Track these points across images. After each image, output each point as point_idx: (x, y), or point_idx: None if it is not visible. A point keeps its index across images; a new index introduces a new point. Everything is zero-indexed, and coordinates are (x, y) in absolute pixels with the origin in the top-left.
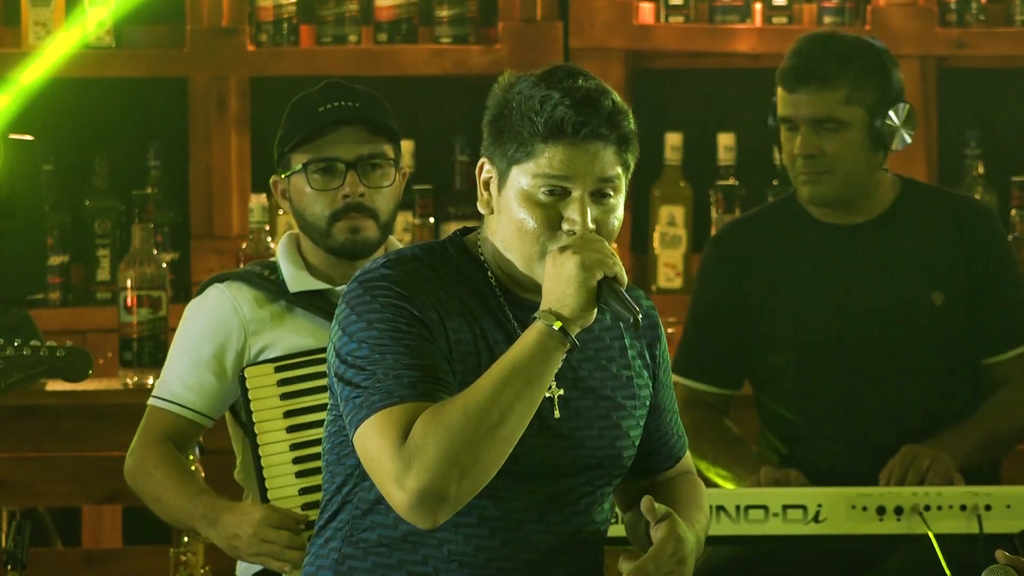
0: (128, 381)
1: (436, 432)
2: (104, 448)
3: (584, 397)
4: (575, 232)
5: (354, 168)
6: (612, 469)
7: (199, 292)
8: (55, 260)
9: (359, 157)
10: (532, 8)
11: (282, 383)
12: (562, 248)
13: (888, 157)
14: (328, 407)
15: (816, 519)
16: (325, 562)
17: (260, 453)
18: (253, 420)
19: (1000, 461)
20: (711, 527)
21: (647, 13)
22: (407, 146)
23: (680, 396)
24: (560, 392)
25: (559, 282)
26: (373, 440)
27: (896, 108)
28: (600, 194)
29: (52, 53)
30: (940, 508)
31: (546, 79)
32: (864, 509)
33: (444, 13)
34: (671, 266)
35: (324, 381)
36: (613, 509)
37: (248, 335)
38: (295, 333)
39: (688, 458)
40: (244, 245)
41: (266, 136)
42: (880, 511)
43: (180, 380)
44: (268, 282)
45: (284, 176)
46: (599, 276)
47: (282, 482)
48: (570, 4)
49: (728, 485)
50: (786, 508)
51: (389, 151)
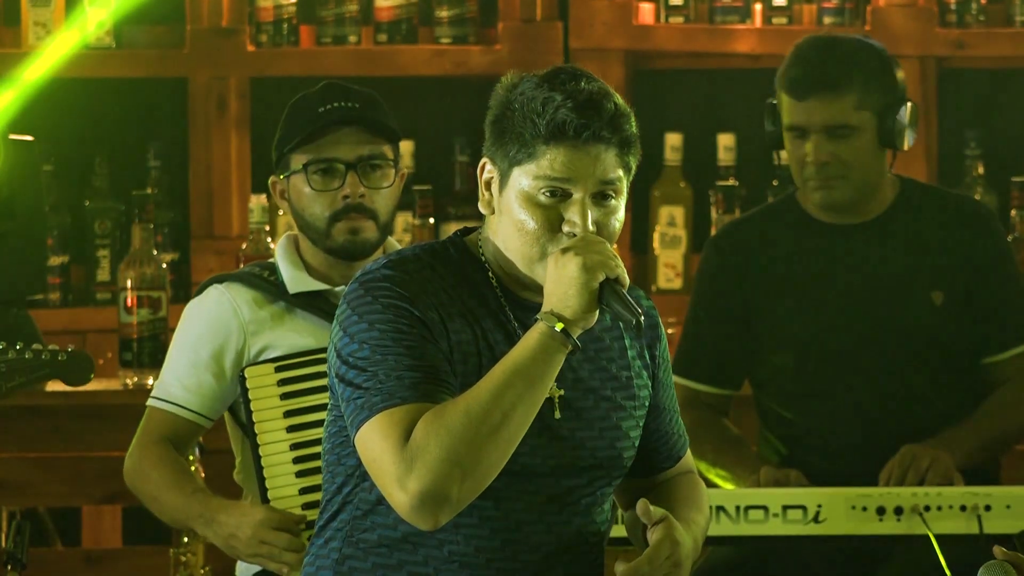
0: (128, 381)
1: (438, 434)
2: (104, 448)
3: (584, 398)
4: (575, 234)
5: (354, 169)
6: (612, 470)
7: (198, 293)
8: (55, 260)
9: (359, 158)
10: (532, 8)
11: (282, 383)
12: (564, 249)
13: (897, 157)
14: (328, 407)
15: (816, 519)
16: (325, 562)
17: (260, 453)
18: (253, 420)
19: (1000, 461)
20: (711, 527)
21: (647, 13)
22: (407, 146)
23: (680, 396)
24: (560, 393)
25: (561, 284)
26: (375, 441)
27: (904, 108)
28: (601, 196)
29: (52, 53)
30: (940, 508)
31: (549, 81)
32: (864, 509)
33: (444, 13)
34: (671, 266)
35: (324, 381)
36: (614, 510)
37: (248, 336)
38: (295, 333)
39: (689, 458)
40: (244, 245)
41: (266, 136)
42: (880, 511)
43: (179, 381)
44: (267, 283)
45: (283, 177)
46: (601, 278)
47: (282, 482)
48: (570, 4)
49: (728, 486)
50: (786, 508)
51: (389, 152)
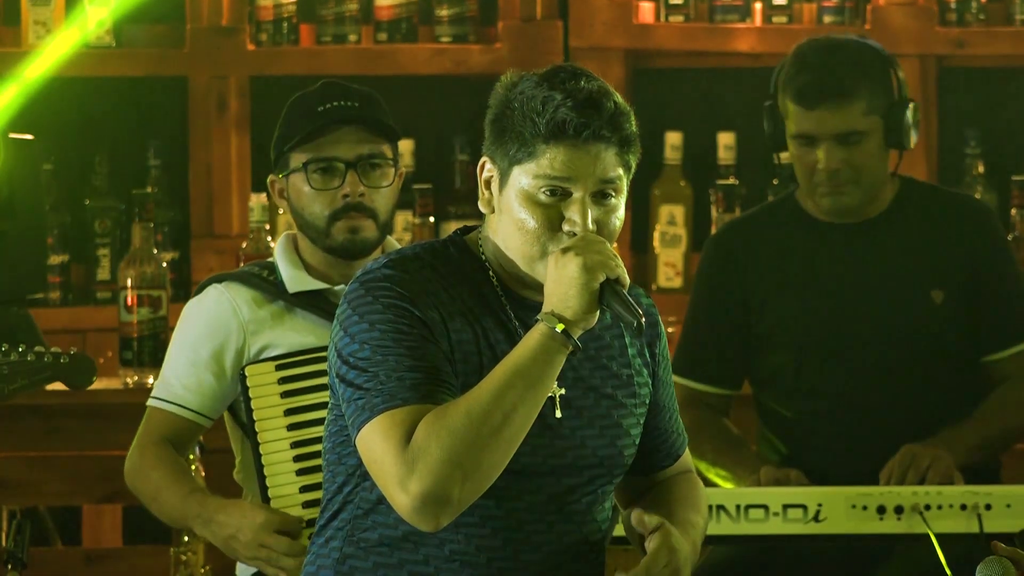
0: (128, 380)
1: (439, 435)
2: (104, 448)
3: (585, 396)
4: (576, 233)
5: (354, 168)
6: (613, 468)
7: (197, 292)
8: (55, 260)
9: (359, 157)
10: (532, 7)
11: (282, 381)
12: (564, 249)
13: (903, 157)
14: (329, 407)
15: (816, 519)
16: (326, 562)
17: (260, 452)
18: (254, 418)
19: (1000, 460)
20: (711, 527)
21: (647, 12)
22: (407, 146)
23: (680, 396)
24: (561, 391)
25: (561, 284)
26: (376, 442)
27: (908, 109)
28: (601, 195)
29: (52, 52)
30: (940, 508)
31: (548, 79)
32: (864, 508)
33: (444, 12)
34: (671, 265)
35: (324, 379)
36: (615, 508)
37: (247, 335)
38: (295, 332)
39: (687, 456)
40: (244, 245)
41: (266, 136)
42: (880, 511)
43: (179, 380)
44: (266, 282)
45: (282, 175)
46: (601, 278)
47: (283, 480)
48: (570, 3)
49: (728, 485)
50: (786, 507)
51: (388, 151)
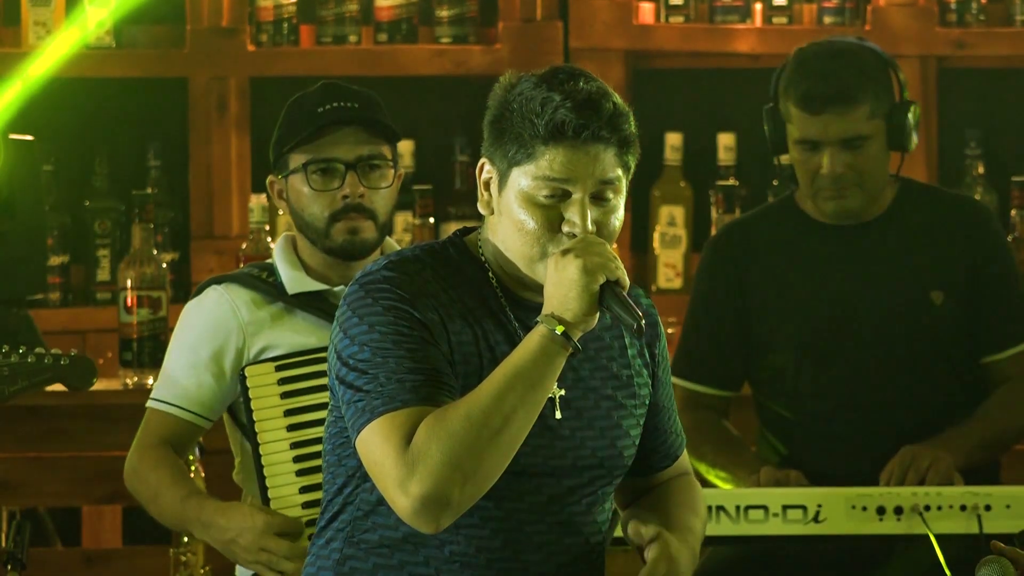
0: (128, 381)
1: (439, 438)
2: (104, 448)
3: (585, 397)
4: (575, 234)
5: (353, 169)
6: (613, 469)
7: (196, 294)
8: (55, 260)
9: (359, 158)
10: (532, 8)
11: (282, 382)
12: (564, 251)
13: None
14: (329, 408)
15: (816, 519)
16: (326, 563)
17: (260, 452)
18: (253, 419)
19: (1000, 461)
20: (711, 528)
21: (647, 13)
22: (407, 146)
23: (679, 398)
24: (561, 392)
25: (561, 286)
26: (376, 445)
27: (911, 112)
28: (601, 196)
29: (52, 53)
30: (940, 508)
31: (547, 80)
32: (864, 509)
33: (444, 13)
34: (671, 266)
35: (324, 380)
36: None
37: (247, 336)
38: (295, 333)
39: (685, 457)
40: (244, 245)
41: (266, 136)
42: (880, 511)
43: (178, 382)
44: (265, 284)
45: (281, 176)
46: (601, 280)
47: (282, 481)
48: (570, 4)
49: (728, 487)
50: (786, 508)
51: (387, 152)
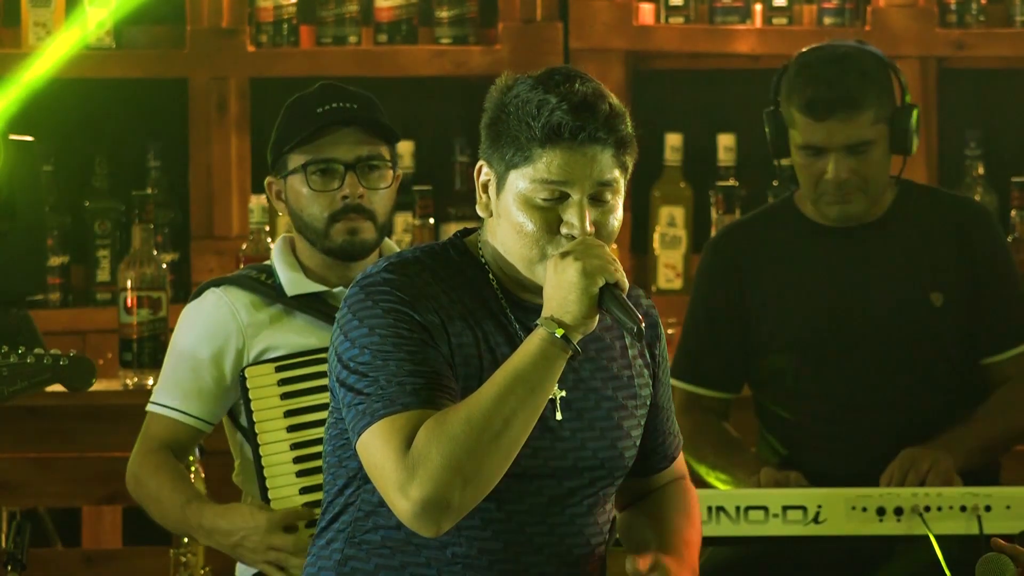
0: (128, 382)
1: (439, 441)
2: (104, 448)
3: (586, 398)
4: (574, 236)
5: (353, 169)
6: (614, 470)
7: (194, 297)
8: (55, 260)
9: (358, 158)
10: (532, 9)
11: (282, 383)
12: (563, 254)
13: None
14: (329, 410)
15: (816, 520)
16: (327, 563)
17: (260, 453)
18: (254, 420)
19: (1000, 462)
20: (712, 528)
21: (647, 14)
22: (407, 147)
23: (679, 400)
24: (562, 394)
25: (560, 289)
26: (376, 448)
27: (912, 115)
28: (599, 197)
29: (52, 53)
30: (940, 509)
31: (543, 83)
32: (864, 510)
33: (444, 14)
34: (671, 267)
35: (324, 381)
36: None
37: (247, 338)
38: (295, 334)
39: (681, 459)
40: (244, 246)
41: (266, 137)
42: (880, 512)
43: (178, 386)
44: (264, 286)
45: (280, 177)
46: (601, 283)
47: (283, 482)
48: (570, 5)
49: (728, 488)
50: (786, 509)
51: (386, 153)
